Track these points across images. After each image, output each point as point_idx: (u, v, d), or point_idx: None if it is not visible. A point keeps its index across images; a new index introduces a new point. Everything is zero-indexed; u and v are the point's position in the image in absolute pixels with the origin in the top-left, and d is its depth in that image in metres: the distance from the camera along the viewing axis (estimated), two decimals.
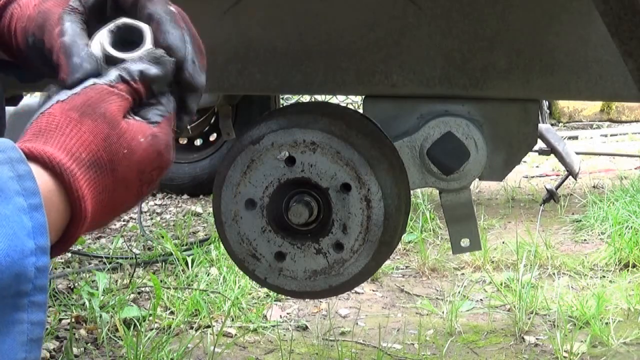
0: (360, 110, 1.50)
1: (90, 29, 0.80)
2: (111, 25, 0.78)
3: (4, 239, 0.57)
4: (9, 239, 0.57)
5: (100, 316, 2.48)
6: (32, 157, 0.65)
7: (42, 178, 0.64)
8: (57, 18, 0.79)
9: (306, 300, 2.73)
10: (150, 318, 2.53)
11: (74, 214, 0.67)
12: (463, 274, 3.08)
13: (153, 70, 0.75)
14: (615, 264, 3.07)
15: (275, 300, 2.75)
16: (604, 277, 2.98)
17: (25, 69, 0.89)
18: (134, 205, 0.77)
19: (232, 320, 2.57)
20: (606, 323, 2.48)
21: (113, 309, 2.55)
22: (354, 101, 6.21)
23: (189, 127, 3.13)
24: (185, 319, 2.55)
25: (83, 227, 0.68)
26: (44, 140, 0.68)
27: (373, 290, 2.92)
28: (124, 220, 3.80)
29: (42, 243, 0.60)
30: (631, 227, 3.26)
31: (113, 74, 0.74)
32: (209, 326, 2.51)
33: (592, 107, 7.05)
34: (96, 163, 0.69)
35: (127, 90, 0.74)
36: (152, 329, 2.46)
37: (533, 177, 4.78)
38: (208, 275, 2.91)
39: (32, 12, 0.82)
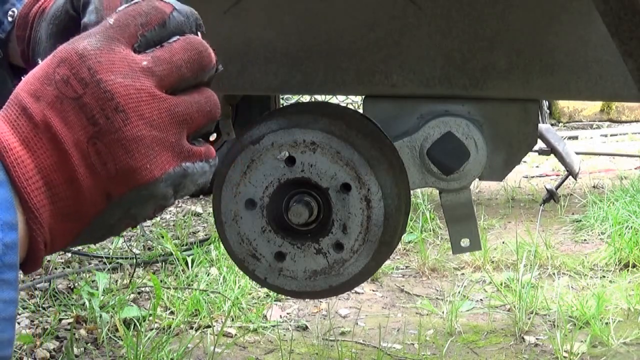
0: (360, 110, 1.50)
1: None
2: None
3: None
4: None
5: (100, 316, 2.48)
6: None
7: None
8: None
9: (306, 300, 2.73)
10: (150, 318, 2.53)
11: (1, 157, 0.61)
12: (463, 274, 3.08)
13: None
14: (615, 264, 3.07)
15: (275, 300, 2.75)
16: (604, 277, 2.98)
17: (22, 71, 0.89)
18: (70, 113, 0.64)
19: (232, 320, 2.57)
20: (606, 323, 2.48)
21: (113, 309, 2.55)
22: (354, 101, 6.21)
23: None
24: (185, 319, 2.55)
25: (20, 168, 0.60)
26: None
27: (373, 290, 2.92)
28: None
29: (9, 218, 0.56)
30: (631, 227, 3.26)
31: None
32: (209, 326, 2.51)
33: (592, 107, 7.05)
34: (7, 104, 0.64)
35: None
36: (152, 329, 2.46)
37: (533, 177, 4.78)
38: (208, 275, 2.92)
39: None
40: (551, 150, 1.89)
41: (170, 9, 0.68)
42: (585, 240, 3.47)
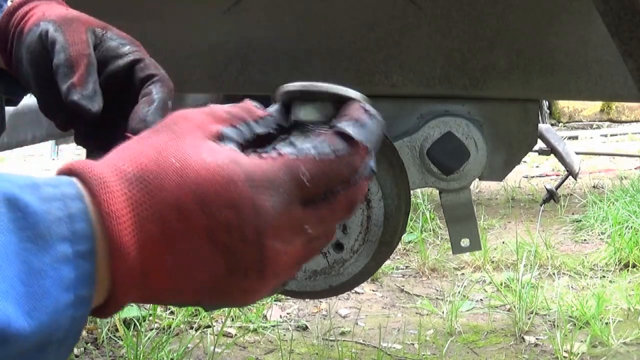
0: None
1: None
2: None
3: (30, 299, 0.48)
4: (35, 300, 0.48)
5: None
6: (72, 172, 0.54)
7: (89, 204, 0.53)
8: (84, 28, 0.78)
9: (306, 300, 2.73)
10: (150, 318, 2.53)
11: (109, 240, 0.53)
12: (463, 274, 3.08)
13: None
14: (615, 264, 3.07)
15: (275, 300, 2.75)
16: (604, 277, 2.98)
17: (12, 82, 0.87)
18: (219, 271, 0.56)
19: (232, 320, 2.57)
20: (606, 323, 2.48)
21: None
22: None
23: None
24: (185, 319, 2.55)
25: (124, 264, 0.53)
26: (101, 159, 0.56)
27: (373, 290, 2.92)
28: None
29: (84, 293, 0.51)
30: (631, 227, 3.27)
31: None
32: (209, 326, 2.51)
33: (592, 107, 7.05)
34: (141, 177, 0.54)
35: (228, 110, 0.60)
36: (152, 329, 2.46)
37: (533, 177, 4.78)
38: None
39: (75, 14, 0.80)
40: (551, 150, 1.89)
41: (365, 158, 0.59)
42: (585, 240, 3.47)
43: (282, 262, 0.57)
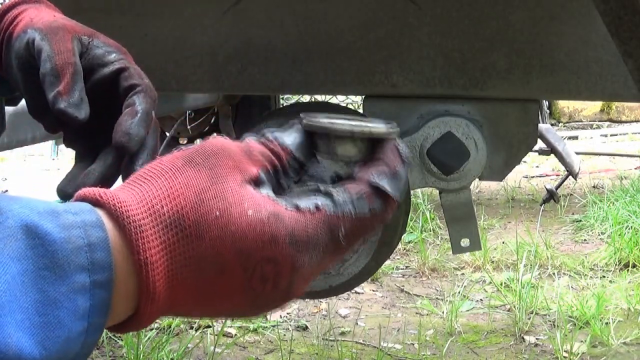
0: (360, 110, 1.50)
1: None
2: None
3: (43, 329, 0.48)
4: (49, 329, 0.49)
5: None
6: (99, 203, 0.53)
7: (110, 231, 0.53)
8: (70, 36, 0.78)
9: (306, 300, 2.73)
10: None
11: (140, 283, 0.53)
12: (463, 274, 3.08)
13: (286, 136, 0.62)
14: (615, 264, 3.07)
15: None
16: (604, 277, 2.98)
17: (4, 82, 0.86)
18: (247, 307, 0.58)
19: (232, 320, 2.57)
20: (606, 323, 2.48)
21: None
22: (354, 101, 6.21)
23: (189, 127, 3.14)
24: (185, 319, 2.55)
25: (153, 304, 0.53)
26: (129, 187, 0.55)
27: (373, 290, 2.92)
28: None
29: (98, 321, 0.51)
30: (631, 227, 3.27)
31: (249, 136, 0.62)
32: (209, 326, 2.51)
33: (592, 107, 7.05)
34: (178, 222, 0.54)
35: (262, 150, 0.60)
36: (152, 329, 2.46)
37: (533, 177, 4.78)
38: None
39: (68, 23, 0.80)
40: (551, 150, 1.90)
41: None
42: (585, 240, 3.47)
43: (299, 293, 0.60)
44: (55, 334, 0.49)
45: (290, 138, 0.62)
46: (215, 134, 0.61)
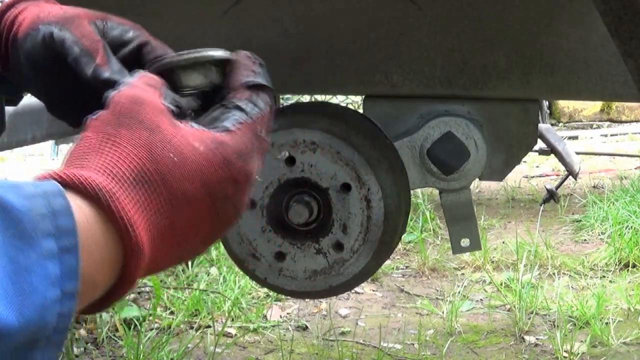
0: (360, 110, 1.50)
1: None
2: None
3: (19, 296, 0.49)
4: (24, 296, 0.50)
5: (100, 316, 2.48)
6: (64, 184, 0.55)
7: (79, 208, 0.55)
8: (86, 22, 0.77)
9: (306, 300, 2.73)
10: (150, 318, 2.53)
11: (125, 244, 0.56)
12: (463, 274, 3.08)
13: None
14: (615, 264, 3.07)
15: (275, 300, 2.75)
16: (604, 277, 2.98)
17: (6, 81, 0.86)
18: (214, 231, 0.64)
19: (232, 320, 2.57)
20: (606, 323, 2.48)
21: (113, 308, 2.54)
22: (354, 101, 6.21)
23: None
24: (185, 319, 2.55)
25: (141, 260, 0.57)
26: (79, 166, 0.58)
27: (373, 290, 2.92)
28: None
29: (70, 288, 0.52)
30: (631, 227, 3.26)
31: (134, 75, 0.68)
32: (209, 326, 2.51)
33: (592, 107, 7.05)
34: (142, 178, 0.58)
35: (158, 85, 0.66)
36: (152, 329, 2.46)
37: (533, 177, 4.78)
38: (208, 275, 2.92)
39: (57, 11, 0.80)
40: (551, 150, 1.89)
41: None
42: (585, 240, 3.47)
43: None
44: (30, 301, 0.50)
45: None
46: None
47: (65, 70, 0.76)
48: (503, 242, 3.32)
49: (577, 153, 3.51)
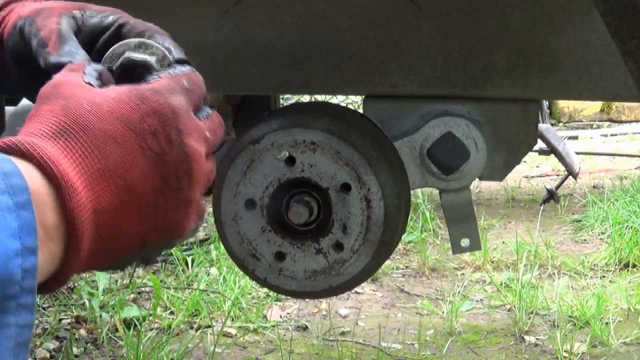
0: (360, 110, 1.50)
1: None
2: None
3: None
4: None
5: (100, 316, 2.48)
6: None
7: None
8: (56, 13, 0.78)
9: (306, 300, 2.73)
10: (150, 318, 2.53)
11: (53, 181, 0.59)
12: (463, 274, 3.08)
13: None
14: (615, 264, 3.07)
15: (275, 300, 2.75)
16: (604, 277, 2.98)
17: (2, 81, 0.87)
18: (149, 165, 0.65)
19: (232, 320, 2.57)
20: (606, 323, 2.48)
21: (113, 309, 2.55)
22: (354, 101, 6.21)
23: None
24: (185, 319, 2.55)
25: (77, 196, 0.59)
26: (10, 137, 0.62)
27: (373, 290, 2.92)
28: None
29: (30, 243, 0.55)
30: (631, 227, 3.26)
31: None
32: (209, 326, 2.51)
33: (592, 107, 7.04)
34: (61, 130, 0.61)
35: (74, 66, 0.70)
36: (152, 329, 2.46)
37: (533, 177, 4.78)
38: (208, 275, 2.92)
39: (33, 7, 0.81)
40: (551, 150, 1.89)
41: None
42: (585, 240, 3.47)
43: (202, 164, 0.68)
44: None
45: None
46: None
47: (37, 65, 0.78)
48: (503, 242, 3.32)
49: (577, 153, 3.51)
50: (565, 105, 7.06)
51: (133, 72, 0.71)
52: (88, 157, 0.61)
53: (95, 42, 0.79)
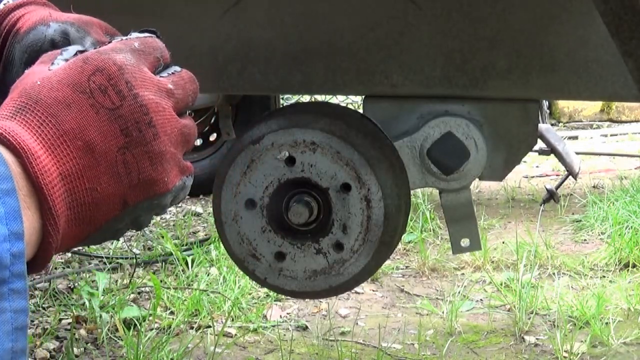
0: (360, 110, 1.50)
1: None
2: None
3: None
4: None
5: (100, 316, 2.48)
6: None
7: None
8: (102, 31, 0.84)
9: (306, 300, 2.73)
10: (150, 318, 2.53)
11: (17, 156, 0.60)
12: (463, 274, 3.08)
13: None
14: (615, 264, 3.07)
15: (275, 300, 2.75)
16: (604, 277, 2.98)
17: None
18: (107, 122, 0.65)
19: (232, 320, 2.57)
20: (606, 323, 2.48)
21: (113, 309, 2.55)
22: (354, 101, 6.21)
23: None
24: (185, 319, 2.55)
25: (39, 165, 0.61)
26: None
27: (373, 290, 2.92)
28: None
29: (16, 228, 0.57)
30: (631, 227, 3.26)
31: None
32: (209, 326, 2.51)
33: (592, 107, 7.05)
34: (18, 108, 0.64)
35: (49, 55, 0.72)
36: (152, 329, 2.46)
37: (533, 177, 4.78)
38: (208, 275, 2.92)
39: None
40: (551, 150, 1.89)
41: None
42: (585, 240, 3.47)
43: (167, 115, 0.68)
44: None
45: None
46: None
47: None
48: (503, 242, 3.32)
49: (577, 153, 3.51)
50: (565, 105, 7.06)
51: None
52: (44, 125, 0.63)
53: None
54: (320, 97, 4.33)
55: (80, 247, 3.25)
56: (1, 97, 0.88)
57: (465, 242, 1.51)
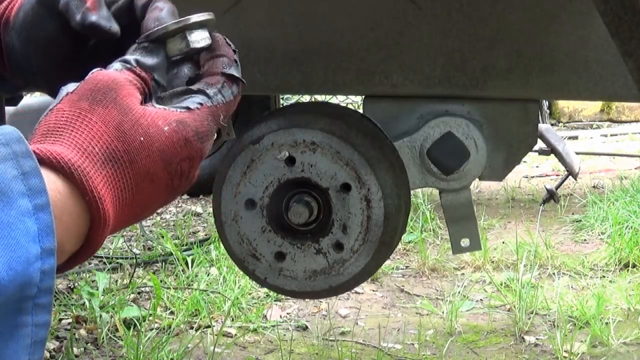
0: (360, 110, 1.50)
1: None
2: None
3: (6, 250, 0.53)
4: (11, 250, 0.53)
5: (100, 316, 2.48)
6: (40, 160, 0.59)
7: (53, 182, 0.59)
8: None
9: (306, 300, 2.73)
10: (150, 318, 2.53)
11: (93, 217, 0.62)
12: (463, 274, 3.08)
13: (148, 59, 0.72)
14: (615, 264, 3.07)
15: (275, 300, 2.75)
16: (604, 277, 2.98)
17: (4, 79, 0.86)
18: (167, 201, 0.72)
19: (232, 320, 2.57)
20: (606, 323, 2.48)
21: (113, 309, 2.55)
22: (354, 101, 6.21)
23: None
24: (185, 319, 2.55)
25: (106, 230, 0.63)
26: (53, 139, 0.63)
27: (373, 290, 2.92)
28: None
29: (49, 245, 0.56)
30: (631, 227, 3.26)
31: (115, 64, 0.71)
32: (209, 326, 2.51)
33: (592, 107, 7.05)
34: (111, 156, 0.64)
35: (134, 76, 0.70)
36: (152, 329, 2.46)
37: (533, 177, 4.78)
38: (208, 275, 2.92)
39: None
40: (551, 150, 1.89)
41: None
42: (585, 240, 3.47)
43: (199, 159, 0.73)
44: (17, 255, 0.53)
45: (150, 60, 0.72)
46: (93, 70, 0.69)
47: (55, 25, 0.78)
48: (503, 242, 3.32)
49: (577, 153, 3.51)
50: (565, 105, 7.06)
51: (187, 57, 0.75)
52: (125, 190, 0.65)
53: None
54: (320, 97, 4.32)
55: None
56: (5, 85, 0.88)
57: (465, 242, 1.51)
